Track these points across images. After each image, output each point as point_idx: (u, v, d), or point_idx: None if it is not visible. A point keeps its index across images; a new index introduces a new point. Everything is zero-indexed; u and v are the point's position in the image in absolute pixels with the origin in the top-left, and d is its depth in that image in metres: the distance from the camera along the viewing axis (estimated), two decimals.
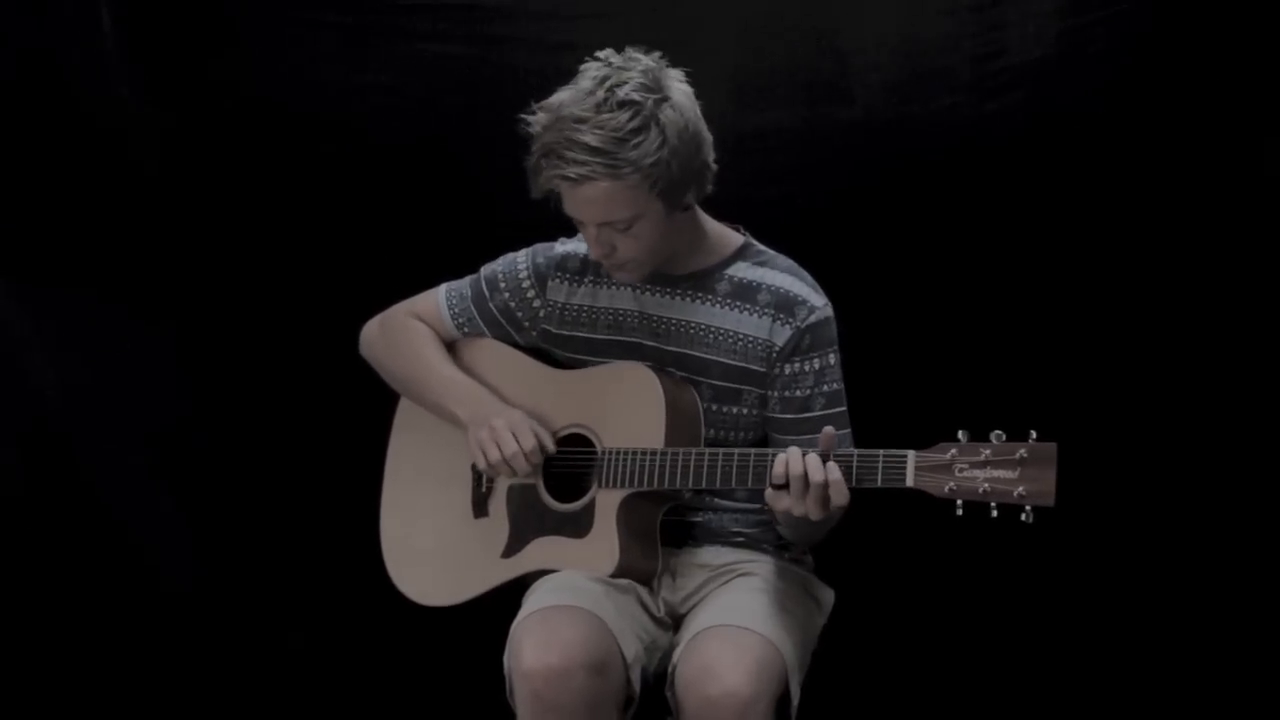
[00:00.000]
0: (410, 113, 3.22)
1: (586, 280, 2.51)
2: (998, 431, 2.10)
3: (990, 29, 3.07)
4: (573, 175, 2.22)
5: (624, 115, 2.21)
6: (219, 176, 3.27)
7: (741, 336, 2.41)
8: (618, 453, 2.37)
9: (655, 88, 2.25)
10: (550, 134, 2.24)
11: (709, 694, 2.16)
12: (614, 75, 2.24)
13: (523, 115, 2.30)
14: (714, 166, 2.36)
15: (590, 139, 2.20)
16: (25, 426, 3.29)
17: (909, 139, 3.11)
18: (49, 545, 3.30)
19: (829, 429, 2.22)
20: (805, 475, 2.16)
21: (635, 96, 2.22)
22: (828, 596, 2.54)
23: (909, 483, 2.14)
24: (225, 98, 3.24)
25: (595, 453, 2.41)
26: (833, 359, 2.42)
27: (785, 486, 2.19)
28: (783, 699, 2.25)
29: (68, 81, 3.21)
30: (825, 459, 2.18)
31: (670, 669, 2.27)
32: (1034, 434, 2.09)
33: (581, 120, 2.21)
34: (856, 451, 2.19)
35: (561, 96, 2.27)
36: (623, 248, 2.33)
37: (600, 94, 2.22)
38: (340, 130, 3.23)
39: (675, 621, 2.42)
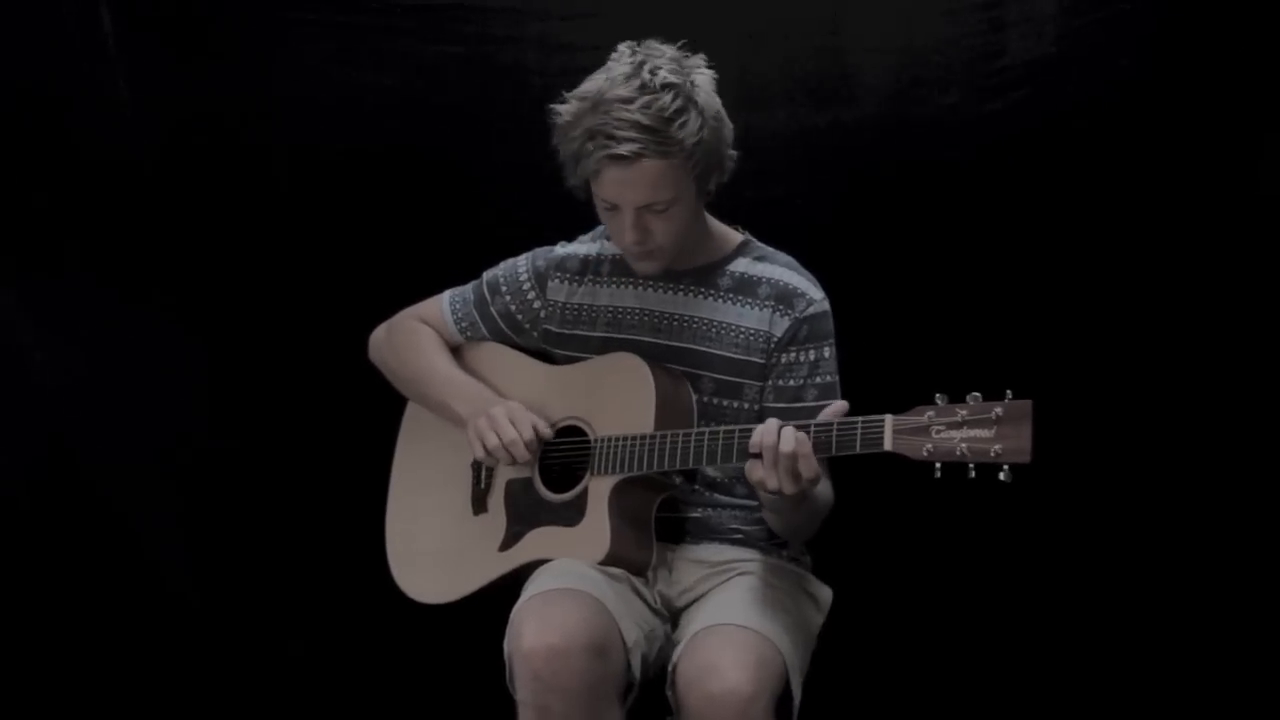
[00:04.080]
0: (410, 113, 3.22)
1: (586, 279, 2.52)
2: (975, 393, 2.08)
3: (990, 29, 3.08)
4: (625, 153, 2.23)
5: (667, 96, 2.24)
6: (219, 177, 3.27)
7: (743, 330, 2.42)
8: (609, 440, 2.38)
9: (686, 72, 2.29)
10: (595, 116, 2.25)
11: (710, 691, 2.16)
12: (649, 60, 2.27)
13: (552, 106, 2.32)
14: (734, 154, 2.38)
15: (641, 118, 2.23)
16: (30, 430, 3.30)
17: (909, 139, 3.12)
18: (56, 549, 3.31)
19: (842, 403, 2.21)
20: (776, 445, 2.16)
21: (673, 79, 2.26)
22: (825, 594, 2.53)
23: (887, 446, 2.12)
24: (225, 98, 3.23)
25: (589, 442, 2.42)
26: (828, 352, 2.42)
27: (760, 456, 2.19)
28: (783, 698, 2.25)
29: (68, 82, 3.21)
30: (801, 427, 2.16)
31: (670, 668, 2.26)
32: (1010, 393, 2.06)
33: (629, 100, 2.24)
34: (836, 420, 2.17)
35: (597, 83, 2.28)
36: (658, 232, 2.33)
37: (642, 76, 2.25)
38: (340, 130, 3.23)
39: (671, 615, 2.42)
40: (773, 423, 2.19)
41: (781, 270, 2.45)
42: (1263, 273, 3.01)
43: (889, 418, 2.13)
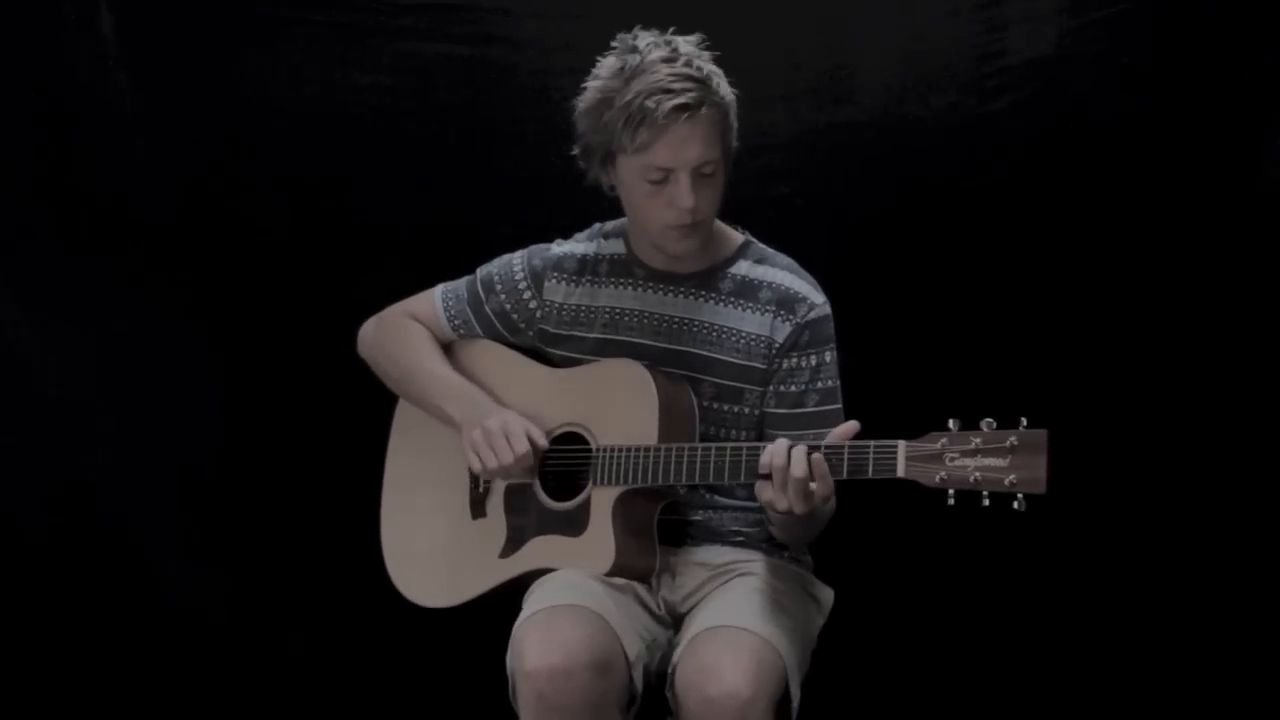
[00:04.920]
0: (410, 113, 3.22)
1: (585, 280, 2.51)
2: (988, 419, 2.08)
3: (990, 29, 3.08)
4: (689, 100, 2.25)
5: (698, 60, 2.29)
6: (218, 177, 3.26)
7: (744, 334, 2.42)
8: (612, 450, 2.37)
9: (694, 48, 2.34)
10: (642, 80, 2.26)
11: (709, 694, 2.15)
12: (658, 38, 2.31)
13: (582, 86, 2.33)
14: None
15: (688, 70, 2.26)
16: (31, 432, 3.30)
17: (909, 139, 3.12)
18: (58, 554, 3.31)
19: (853, 424, 2.20)
20: (787, 467, 2.16)
21: (691, 49, 2.30)
22: (827, 595, 2.53)
23: (900, 473, 2.12)
24: (225, 98, 3.23)
25: (590, 451, 2.40)
26: (829, 357, 2.42)
27: (769, 477, 2.18)
28: (783, 700, 2.24)
29: (68, 84, 3.21)
30: (813, 449, 2.16)
31: (670, 670, 2.26)
32: (1024, 421, 2.06)
33: (671, 60, 2.27)
34: (847, 443, 2.17)
35: (622, 61, 2.30)
36: (703, 200, 2.33)
37: (666, 47, 2.29)
38: (340, 130, 3.23)
39: (675, 620, 2.42)
40: (782, 444, 2.18)
41: (782, 274, 2.44)
42: (1254, 267, 3.01)
43: (902, 444, 2.13)
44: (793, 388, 2.41)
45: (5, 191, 3.23)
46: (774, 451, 2.17)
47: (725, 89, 2.31)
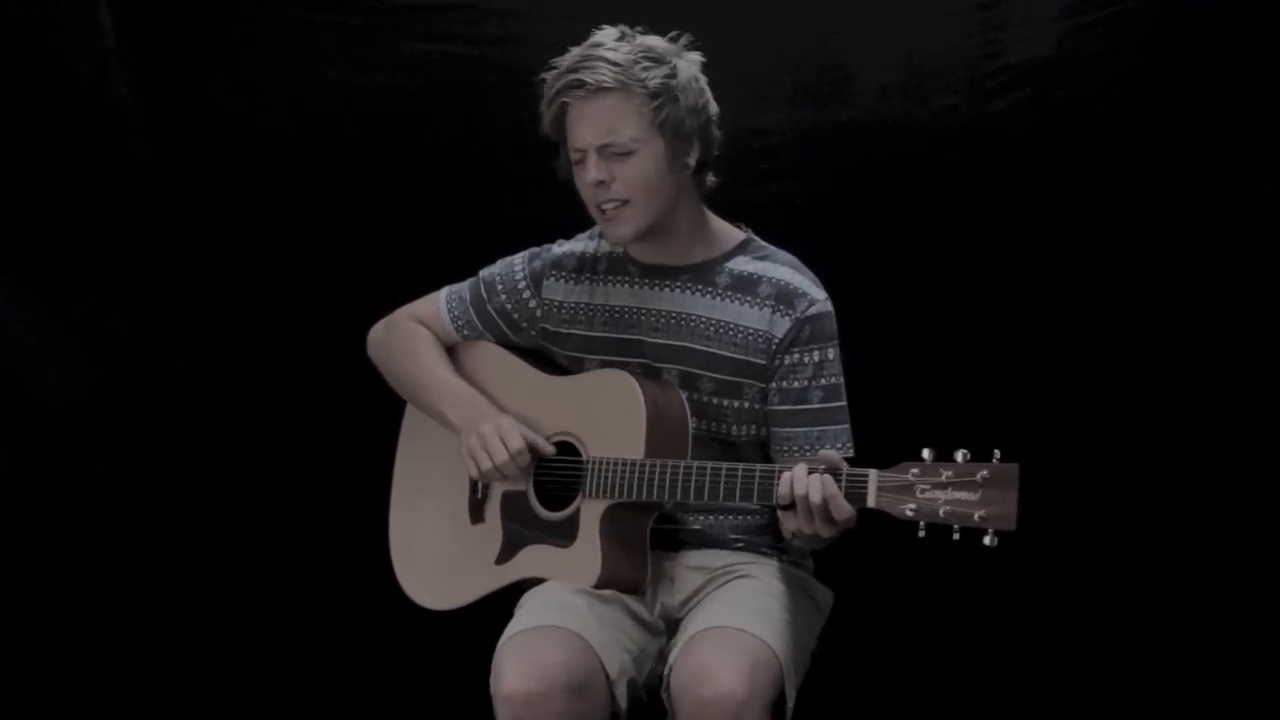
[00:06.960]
0: (410, 113, 3.22)
1: (584, 278, 2.51)
2: (963, 450, 2.06)
3: (991, 29, 3.08)
4: (588, 80, 2.29)
5: (643, 41, 2.34)
6: (217, 177, 3.26)
7: (742, 329, 2.41)
8: (603, 462, 2.36)
9: (672, 44, 2.37)
10: (571, 59, 2.33)
11: (703, 695, 2.15)
12: (632, 31, 2.36)
13: (542, 75, 2.37)
14: (718, 135, 2.40)
15: (609, 55, 2.31)
16: (29, 429, 3.30)
17: (910, 140, 3.11)
18: (61, 557, 3.31)
19: (832, 453, 2.20)
20: (807, 496, 2.15)
21: (655, 42, 2.35)
22: (826, 598, 2.53)
23: (870, 503, 2.12)
24: (225, 98, 3.23)
25: (582, 461, 2.40)
26: (832, 354, 2.41)
27: (791, 507, 2.18)
28: (778, 702, 2.24)
29: (68, 83, 3.21)
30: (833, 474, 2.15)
31: (666, 671, 2.26)
32: (998, 454, 2.04)
33: (602, 44, 2.33)
34: (822, 468, 2.16)
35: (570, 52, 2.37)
36: (620, 179, 2.33)
37: (613, 35, 2.35)
38: (340, 130, 3.23)
39: (671, 626, 2.41)
40: (800, 471, 2.17)
41: (782, 269, 2.44)
42: (1250, 284, 3.01)
43: (873, 473, 2.12)
44: (795, 384, 2.40)
45: (4, 191, 3.23)
46: (795, 483, 2.17)
47: (655, 75, 2.30)
